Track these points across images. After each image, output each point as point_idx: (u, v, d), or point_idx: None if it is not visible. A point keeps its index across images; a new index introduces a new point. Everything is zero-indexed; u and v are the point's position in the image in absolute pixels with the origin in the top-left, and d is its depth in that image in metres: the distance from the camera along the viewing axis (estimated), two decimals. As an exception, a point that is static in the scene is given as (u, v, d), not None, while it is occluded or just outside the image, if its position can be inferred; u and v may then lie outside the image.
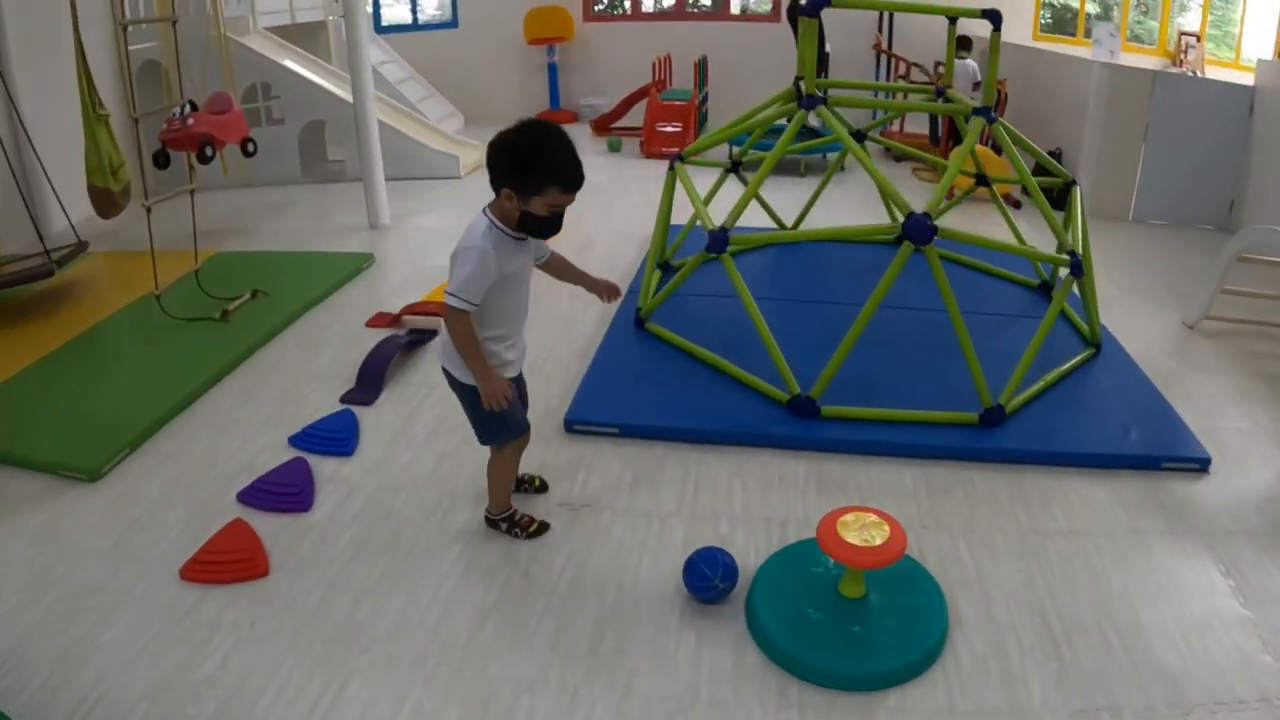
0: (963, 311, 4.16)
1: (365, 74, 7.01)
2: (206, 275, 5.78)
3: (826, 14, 4.74)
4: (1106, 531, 3.62)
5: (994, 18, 4.77)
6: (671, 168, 5.34)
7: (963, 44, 10.11)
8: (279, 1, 9.95)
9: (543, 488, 3.79)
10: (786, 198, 7.55)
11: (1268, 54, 8.41)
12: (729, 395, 4.44)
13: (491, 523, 3.53)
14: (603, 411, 4.30)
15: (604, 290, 3.53)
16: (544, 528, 3.52)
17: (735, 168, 6.23)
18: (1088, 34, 11.05)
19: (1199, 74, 8.34)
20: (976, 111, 4.75)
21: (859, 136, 6.07)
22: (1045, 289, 5.87)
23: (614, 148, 10.59)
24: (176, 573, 3.27)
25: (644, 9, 12.93)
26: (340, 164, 9.33)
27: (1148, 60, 10.12)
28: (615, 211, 8.00)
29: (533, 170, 2.92)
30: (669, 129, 10.34)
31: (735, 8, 12.79)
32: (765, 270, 6.06)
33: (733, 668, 2.89)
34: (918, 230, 4.00)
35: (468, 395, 3.26)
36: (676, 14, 12.75)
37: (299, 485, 3.72)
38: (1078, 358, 4.88)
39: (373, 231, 7.29)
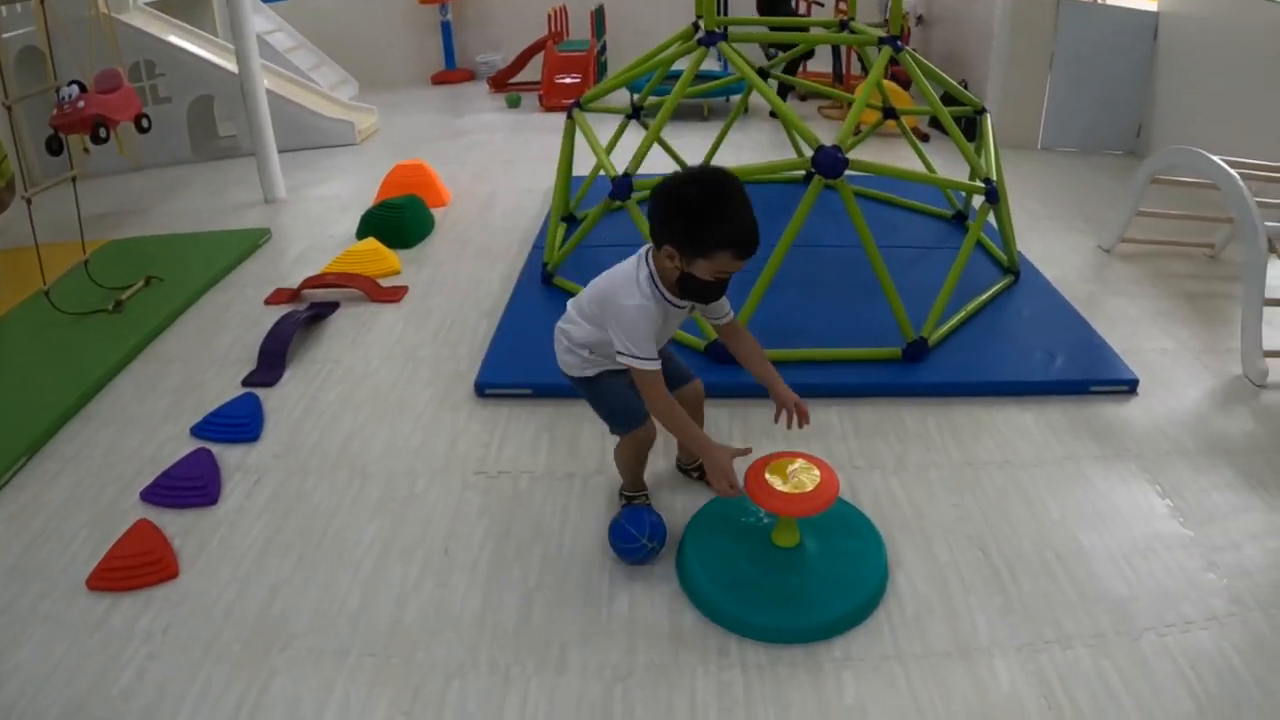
0: (879, 246, 4.08)
1: (250, 43, 6.71)
2: (98, 265, 5.51)
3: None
4: (1040, 460, 3.59)
5: None
6: (570, 116, 5.15)
7: None
8: (158, -26, 9.54)
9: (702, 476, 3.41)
10: (691, 141, 7.42)
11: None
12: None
13: (626, 498, 3.30)
14: (514, 373, 4.16)
15: (792, 408, 3.04)
16: None
17: (636, 113, 6.06)
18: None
19: (1101, 0, 8.33)
20: (882, 41, 4.64)
21: (763, 74, 5.95)
22: (960, 219, 5.82)
23: (513, 103, 10.34)
24: (84, 583, 3.07)
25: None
26: (232, 139, 8.99)
27: None
28: (517, 167, 7.80)
29: (703, 230, 2.57)
30: (568, 80, 10.13)
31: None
32: None
33: (669, 629, 2.79)
34: (828, 163, 3.88)
35: (589, 389, 3.11)
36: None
37: (204, 478, 3.53)
38: (997, 285, 4.83)
39: (268, 206, 7.02)
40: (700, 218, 2.56)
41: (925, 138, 8.10)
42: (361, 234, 5.96)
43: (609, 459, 3.57)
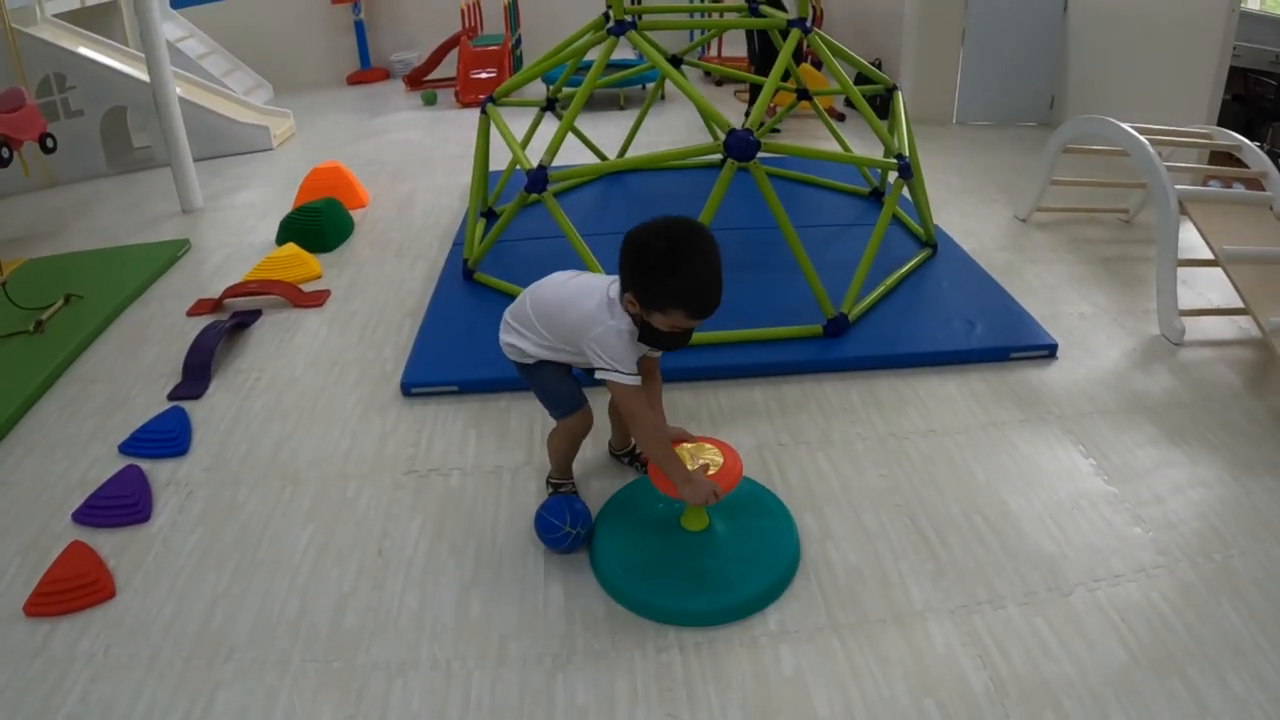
0: (796, 226, 4.15)
1: (160, 51, 6.62)
2: (16, 285, 5.43)
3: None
4: (964, 427, 3.68)
5: None
6: (484, 111, 5.16)
7: None
8: (64, -15, 9.37)
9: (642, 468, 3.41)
10: (608, 131, 7.45)
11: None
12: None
13: (553, 485, 3.33)
14: (439, 371, 4.16)
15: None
16: None
17: (551, 105, 6.08)
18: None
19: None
20: (791, 24, 4.70)
21: (675, 62, 6.00)
22: (876, 196, 5.91)
23: (429, 101, 10.29)
24: (20, 610, 3.03)
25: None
26: (147, 150, 8.87)
27: None
28: (435, 165, 7.80)
29: (660, 285, 2.61)
30: (483, 75, 10.14)
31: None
32: (592, 207, 5.97)
33: (606, 616, 2.83)
34: (740, 147, 3.94)
35: (533, 375, 3.13)
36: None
37: (135, 495, 3.51)
38: (915, 259, 4.92)
39: (186, 216, 6.94)
40: (659, 272, 2.58)
41: (841, 117, 8.20)
42: (281, 240, 5.92)
43: (536, 450, 3.62)
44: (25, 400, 4.33)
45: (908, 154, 4.72)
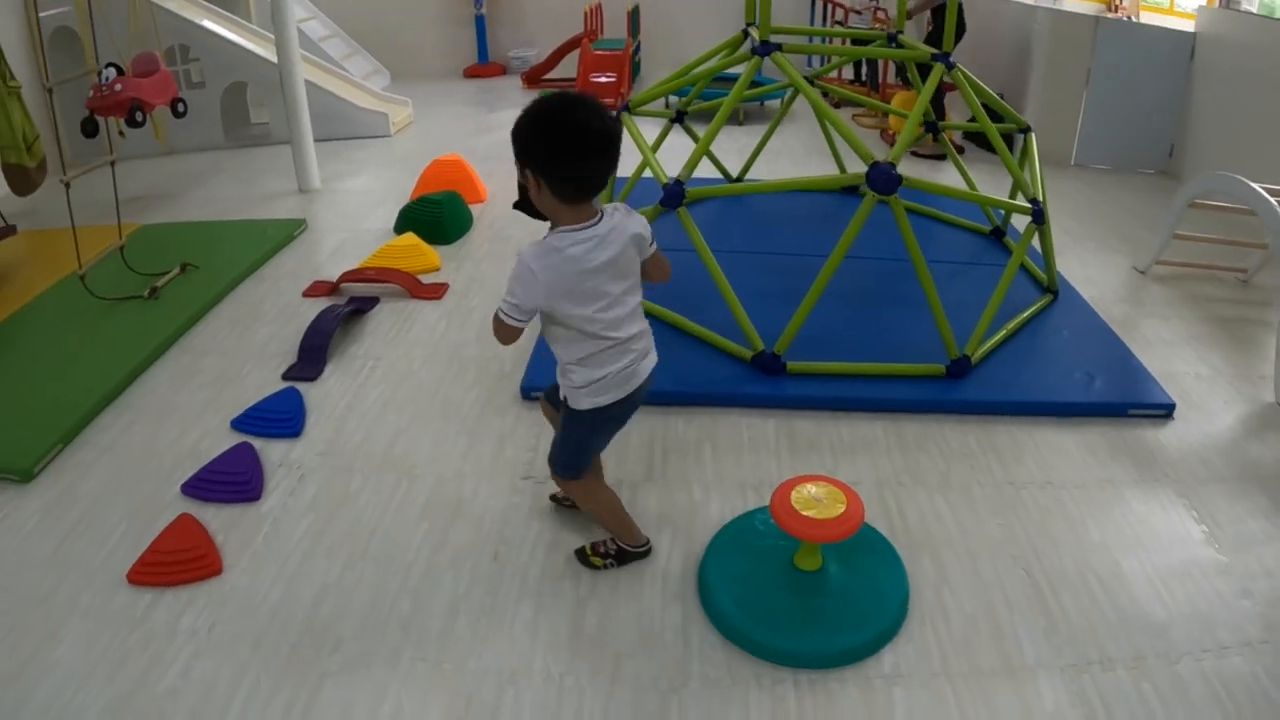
0: (905, 258, 4.08)
1: (290, 30, 6.70)
2: (132, 250, 5.49)
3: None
4: (1080, 481, 3.59)
5: None
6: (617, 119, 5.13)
7: None
8: (193, -43, 9.52)
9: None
10: (726, 145, 7.40)
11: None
12: (690, 354, 4.29)
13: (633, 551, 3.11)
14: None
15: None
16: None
17: (680, 118, 6.03)
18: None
19: (1134, 19, 8.30)
20: (936, 58, 4.62)
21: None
22: (997, 235, 5.79)
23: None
24: (124, 577, 3.04)
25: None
26: (265, 126, 8.99)
27: (1081, 5, 10.09)
28: None
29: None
30: (603, 79, 10.10)
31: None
32: (714, 222, 5.87)
33: (722, 643, 2.79)
34: (883, 181, 3.87)
35: (567, 421, 2.89)
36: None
37: (247, 473, 3.52)
38: (1037, 305, 4.81)
39: (303, 195, 7.01)
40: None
41: (960, 150, 8.08)
42: (400, 229, 5.95)
43: (656, 466, 3.58)
44: (137, 365, 4.39)
45: (1040, 198, 4.61)
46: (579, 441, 2.88)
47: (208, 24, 8.66)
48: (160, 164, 8.14)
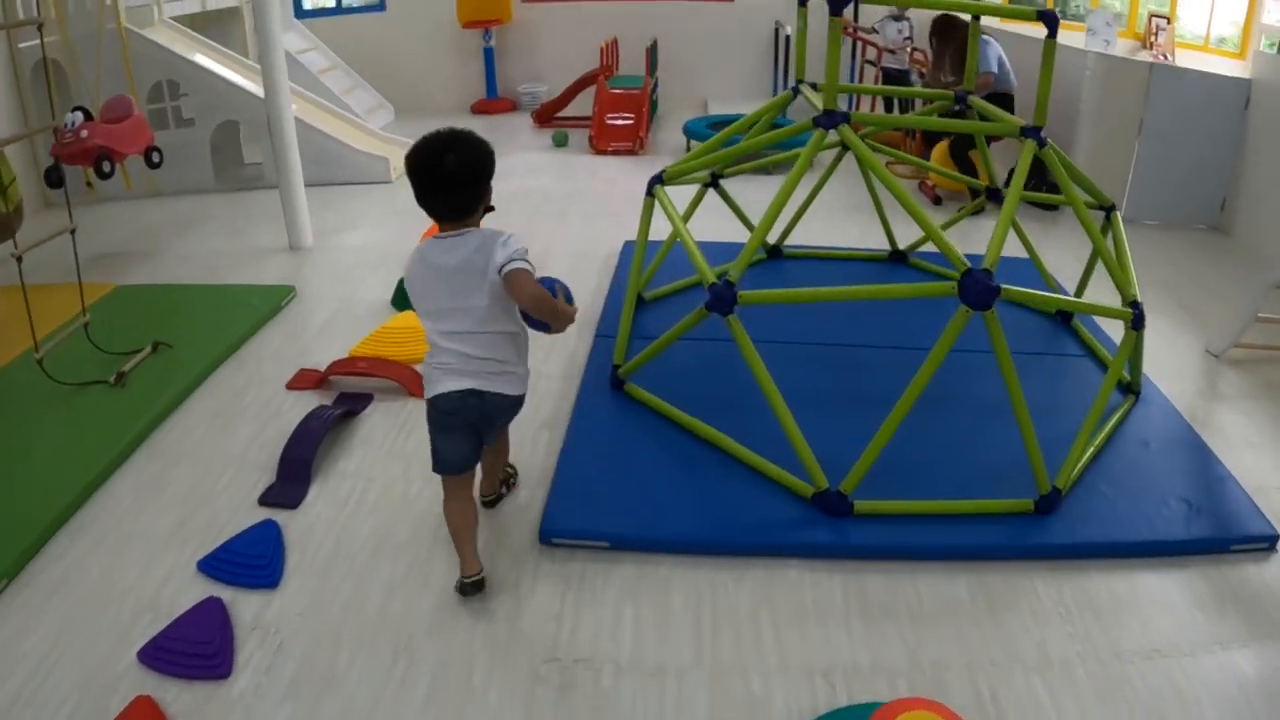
0: (972, 349, 3.66)
1: (278, 70, 6.10)
2: (103, 318, 4.98)
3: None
4: (1190, 646, 3.05)
5: (1049, 20, 4.06)
6: (650, 193, 4.54)
7: None
8: (187, -15, 8.98)
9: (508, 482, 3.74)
10: (752, 196, 6.82)
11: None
12: (739, 487, 3.67)
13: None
14: (588, 518, 3.49)
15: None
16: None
17: (715, 181, 5.43)
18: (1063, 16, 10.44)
19: (1170, 58, 7.75)
20: (1026, 132, 4.04)
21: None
22: (1063, 317, 5.19)
23: (560, 142, 9.70)
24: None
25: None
26: (258, 167, 8.44)
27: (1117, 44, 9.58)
28: (569, 221, 7.19)
29: (491, 166, 3.05)
30: (620, 122, 9.51)
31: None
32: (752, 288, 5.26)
33: None
34: (979, 293, 3.26)
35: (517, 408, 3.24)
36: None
37: (214, 641, 2.91)
38: (1122, 410, 4.25)
39: (293, 254, 6.43)
40: (490, 158, 3.02)
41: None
42: (398, 303, 5.36)
43: (707, 644, 3.01)
44: (100, 473, 3.82)
45: (1139, 296, 4.04)
46: (430, 432, 3.12)
47: (198, 58, 8.14)
48: (145, 208, 7.62)
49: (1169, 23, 9.28)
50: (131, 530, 3.53)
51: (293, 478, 3.75)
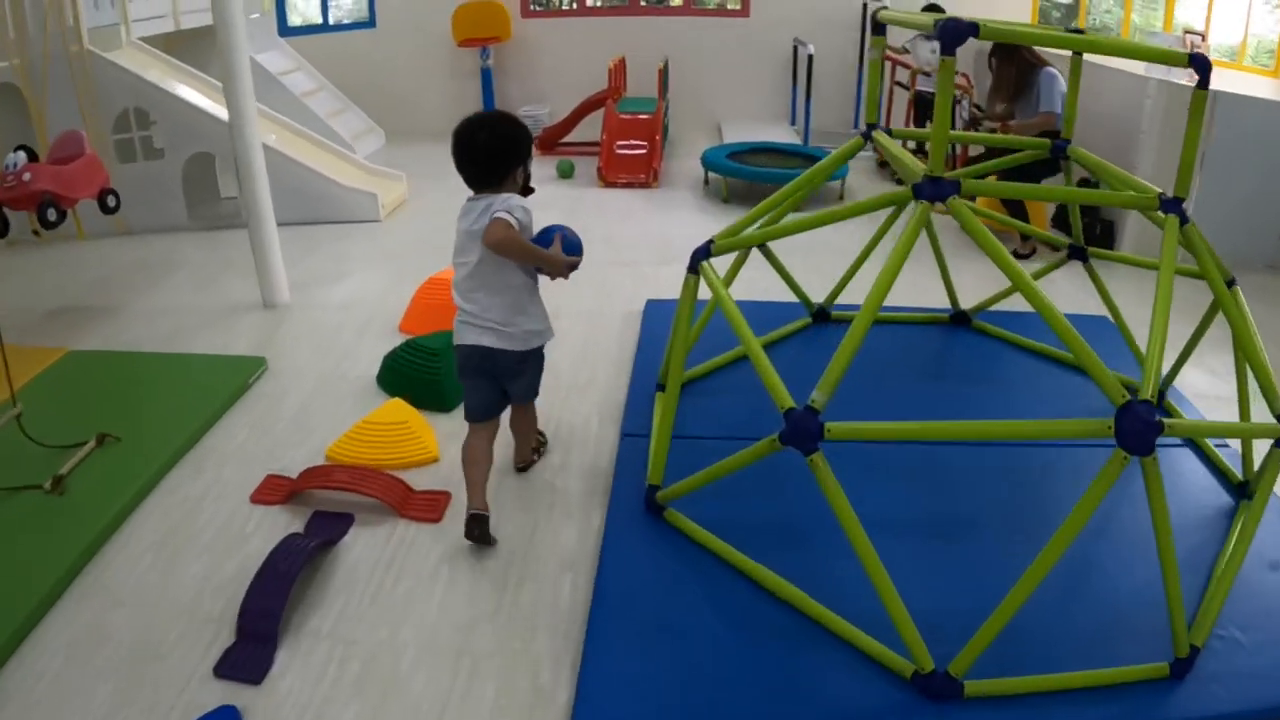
0: (1076, 445, 3.47)
1: (244, 98, 5.32)
2: (52, 387, 4.48)
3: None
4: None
5: (1201, 66, 3.33)
6: (694, 270, 3.69)
7: (936, 13, 8.76)
8: (159, 3, 8.21)
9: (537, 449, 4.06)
10: (787, 243, 6.10)
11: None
12: (816, 661, 2.88)
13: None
14: (629, 708, 2.70)
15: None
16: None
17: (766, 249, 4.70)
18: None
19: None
20: (1166, 205, 3.30)
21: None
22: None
23: (565, 173, 8.89)
24: None
25: (590, 3, 11.32)
26: (235, 202, 7.65)
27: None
28: (582, 274, 6.26)
29: (527, 145, 3.43)
30: (631, 151, 8.74)
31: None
32: (792, 363, 4.34)
33: None
34: (1138, 434, 2.51)
35: (535, 361, 3.61)
36: (630, 8, 11.12)
37: None
38: (1240, 523, 3.49)
39: (268, 312, 5.67)
40: (525, 141, 3.40)
41: (1032, 252, 6.94)
42: (386, 384, 4.60)
43: None
44: (24, 621, 3.08)
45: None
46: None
47: (170, 84, 7.41)
48: (111, 250, 6.94)
49: (1204, 39, 8.64)
50: (59, 707, 2.78)
51: (256, 637, 2.99)
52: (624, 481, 3.70)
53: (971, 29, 2.79)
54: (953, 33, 2.76)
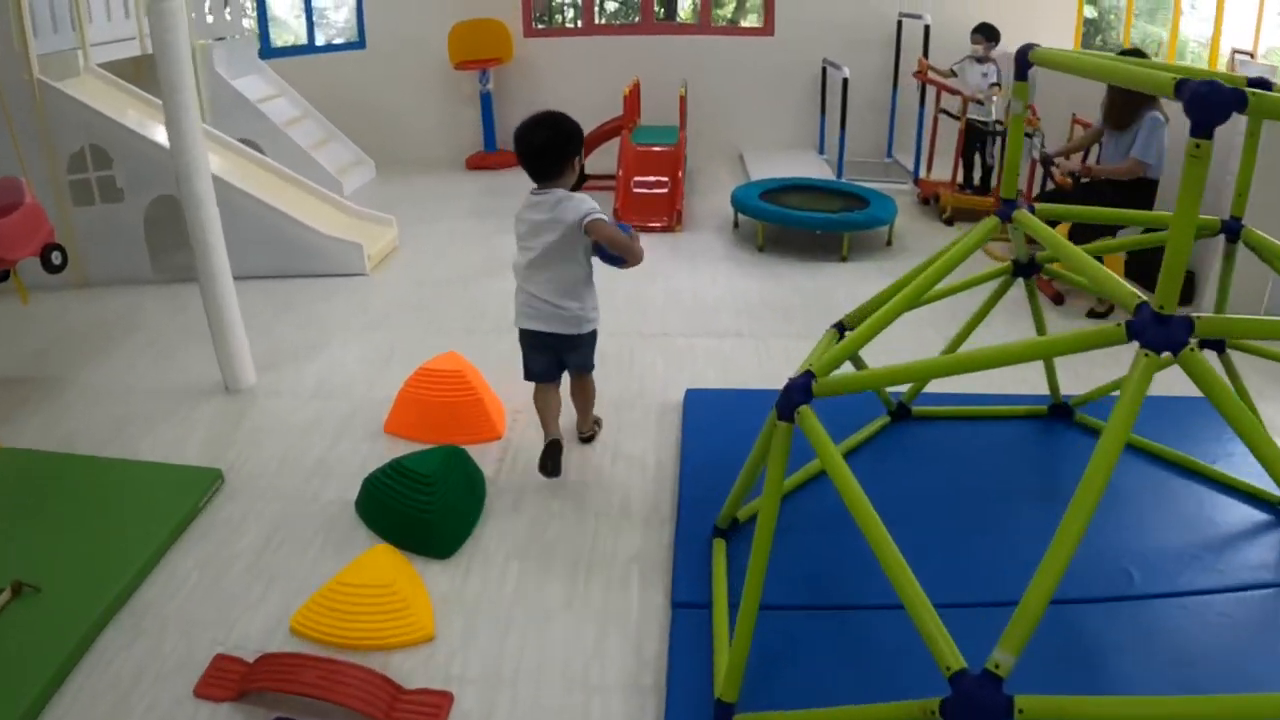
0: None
1: (189, 136, 4.43)
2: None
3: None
4: None
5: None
6: (788, 417, 2.56)
7: (987, 35, 7.92)
8: (124, 25, 7.32)
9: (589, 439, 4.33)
10: (823, 284, 5.25)
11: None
12: None
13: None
14: None
15: None
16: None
17: (842, 330, 3.74)
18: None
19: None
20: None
21: (1030, 267, 3.76)
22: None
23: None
24: None
25: (598, 20, 10.46)
26: (205, 249, 6.79)
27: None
28: (603, 351, 5.10)
29: (580, 138, 3.79)
30: (650, 190, 7.80)
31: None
32: (889, 484, 3.43)
33: None
34: None
35: (589, 341, 3.98)
36: (643, 26, 10.24)
37: None
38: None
39: (229, 399, 4.75)
40: (577, 134, 3.77)
41: (1059, 299, 6.05)
42: (365, 512, 3.67)
43: None
44: None
45: None
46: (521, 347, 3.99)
47: (130, 118, 6.51)
48: (62, 308, 6.09)
49: (1252, 58, 8.00)
50: None
51: None
52: (680, 681, 2.77)
53: (1236, 100, 1.85)
54: (1212, 106, 1.84)
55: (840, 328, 3.39)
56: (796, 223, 6.74)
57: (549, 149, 3.67)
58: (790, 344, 5.22)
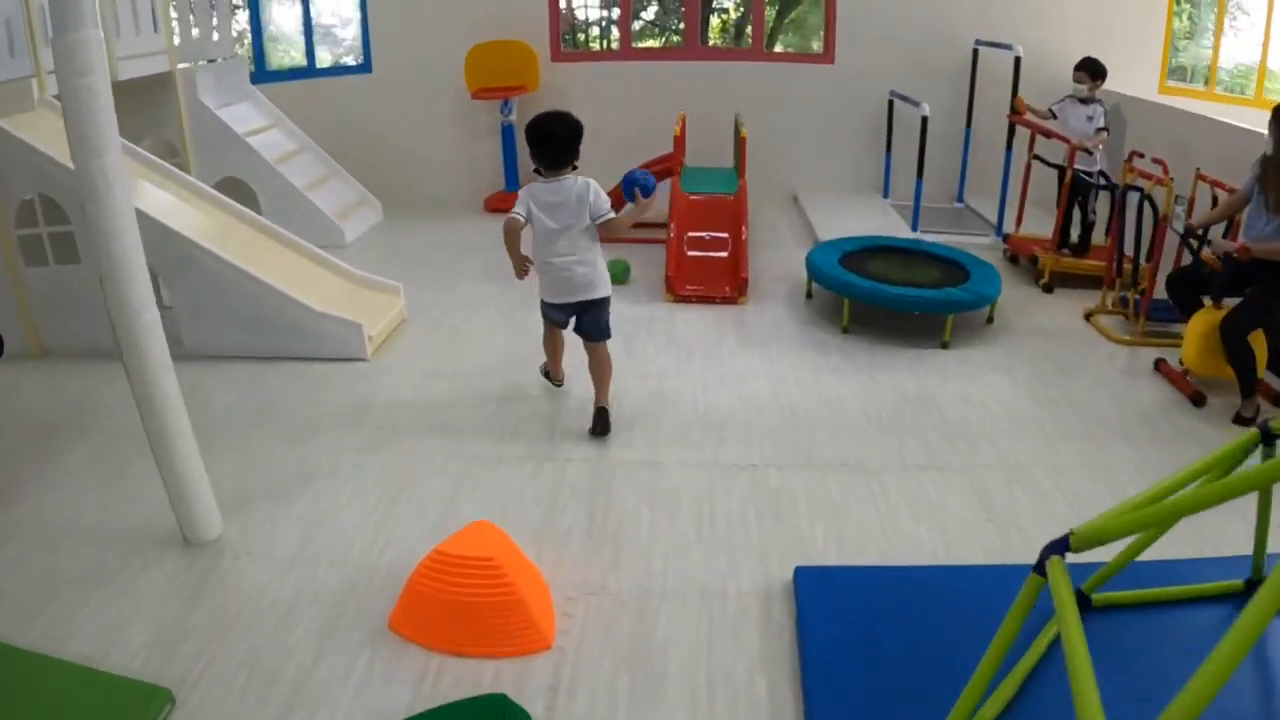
0: None
1: (119, 219, 3.43)
2: None
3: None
4: None
5: None
6: (1039, 569, 1.81)
7: (1093, 73, 6.82)
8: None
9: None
10: (926, 382, 4.69)
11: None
12: None
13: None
14: None
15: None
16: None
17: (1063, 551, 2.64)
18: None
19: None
20: None
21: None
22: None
23: (617, 277, 6.06)
24: None
25: (634, 45, 9.42)
26: (172, 313, 5.70)
27: (1241, 110, 7.13)
28: (653, 499, 4.04)
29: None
30: (707, 252, 6.59)
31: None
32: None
33: None
34: None
35: (607, 304, 4.51)
36: (687, 51, 9.15)
37: None
38: None
39: (188, 558, 3.65)
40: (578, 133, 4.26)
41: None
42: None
43: None
44: None
45: None
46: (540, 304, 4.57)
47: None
48: (15, 383, 5.34)
49: None
50: None
51: None
52: None
53: None
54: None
55: (1061, 549, 2.28)
56: (891, 303, 5.58)
57: (566, 141, 4.18)
58: (910, 481, 4.10)
